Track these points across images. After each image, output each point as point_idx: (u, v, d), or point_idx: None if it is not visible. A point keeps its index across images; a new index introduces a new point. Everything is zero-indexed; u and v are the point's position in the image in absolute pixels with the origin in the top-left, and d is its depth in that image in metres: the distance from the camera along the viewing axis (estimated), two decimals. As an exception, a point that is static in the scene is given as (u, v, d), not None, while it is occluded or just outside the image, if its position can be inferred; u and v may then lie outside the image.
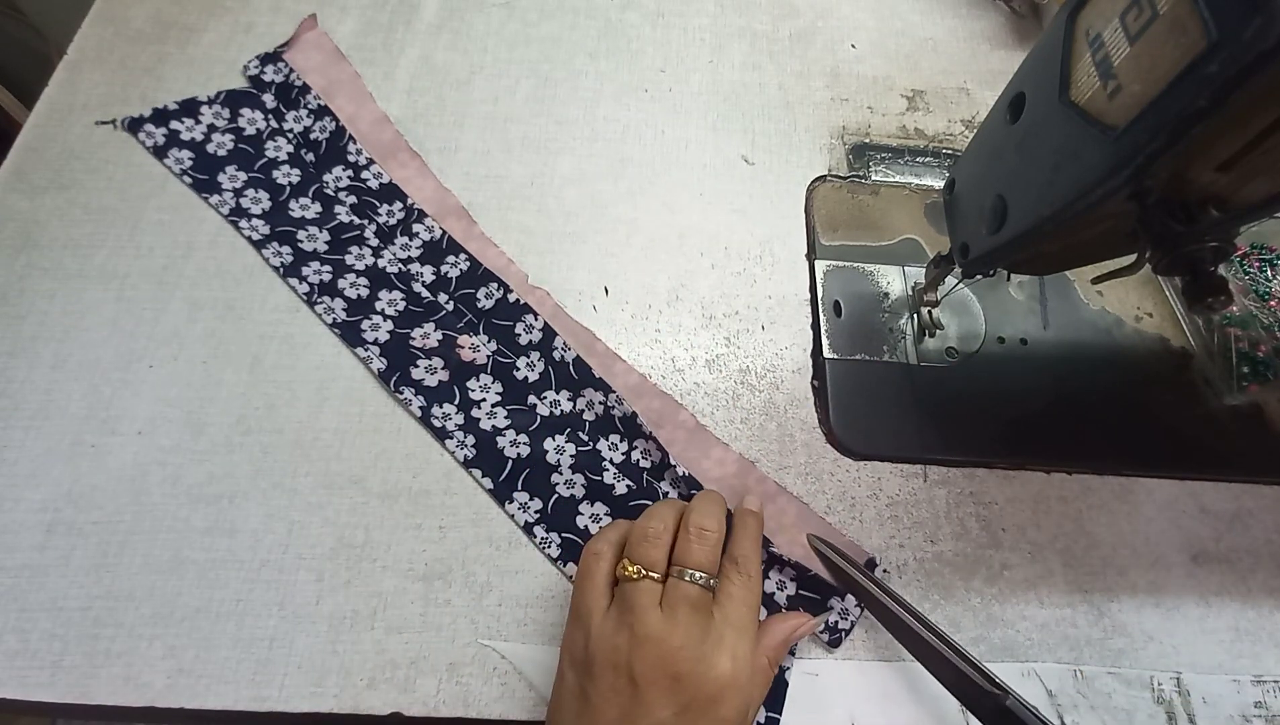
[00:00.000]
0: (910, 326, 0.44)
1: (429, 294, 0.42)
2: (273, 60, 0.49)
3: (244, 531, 0.36)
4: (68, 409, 0.38)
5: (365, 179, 0.45)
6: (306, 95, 0.47)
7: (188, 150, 0.45)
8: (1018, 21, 0.58)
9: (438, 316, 0.41)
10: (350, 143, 0.46)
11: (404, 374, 0.40)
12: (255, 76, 0.48)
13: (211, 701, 0.32)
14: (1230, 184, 0.25)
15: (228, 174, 0.44)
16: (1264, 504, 0.40)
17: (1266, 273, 0.46)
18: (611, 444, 0.39)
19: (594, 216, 0.46)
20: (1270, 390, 0.43)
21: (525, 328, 0.41)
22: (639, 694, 0.29)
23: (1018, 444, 0.41)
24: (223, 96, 0.47)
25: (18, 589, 0.34)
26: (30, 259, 0.42)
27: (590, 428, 0.39)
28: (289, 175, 0.45)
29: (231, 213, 0.43)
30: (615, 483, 0.38)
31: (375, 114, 0.48)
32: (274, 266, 0.42)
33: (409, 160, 0.46)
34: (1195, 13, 0.21)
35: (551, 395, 0.40)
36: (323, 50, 0.50)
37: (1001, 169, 0.32)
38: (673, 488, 0.38)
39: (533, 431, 0.39)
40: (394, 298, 0.42)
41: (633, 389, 0.40)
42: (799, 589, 0.37)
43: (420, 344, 0.40)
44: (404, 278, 0.42)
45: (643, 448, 0.39)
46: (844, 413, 0.41)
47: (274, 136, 0.46)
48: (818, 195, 0.49)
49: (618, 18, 0.55)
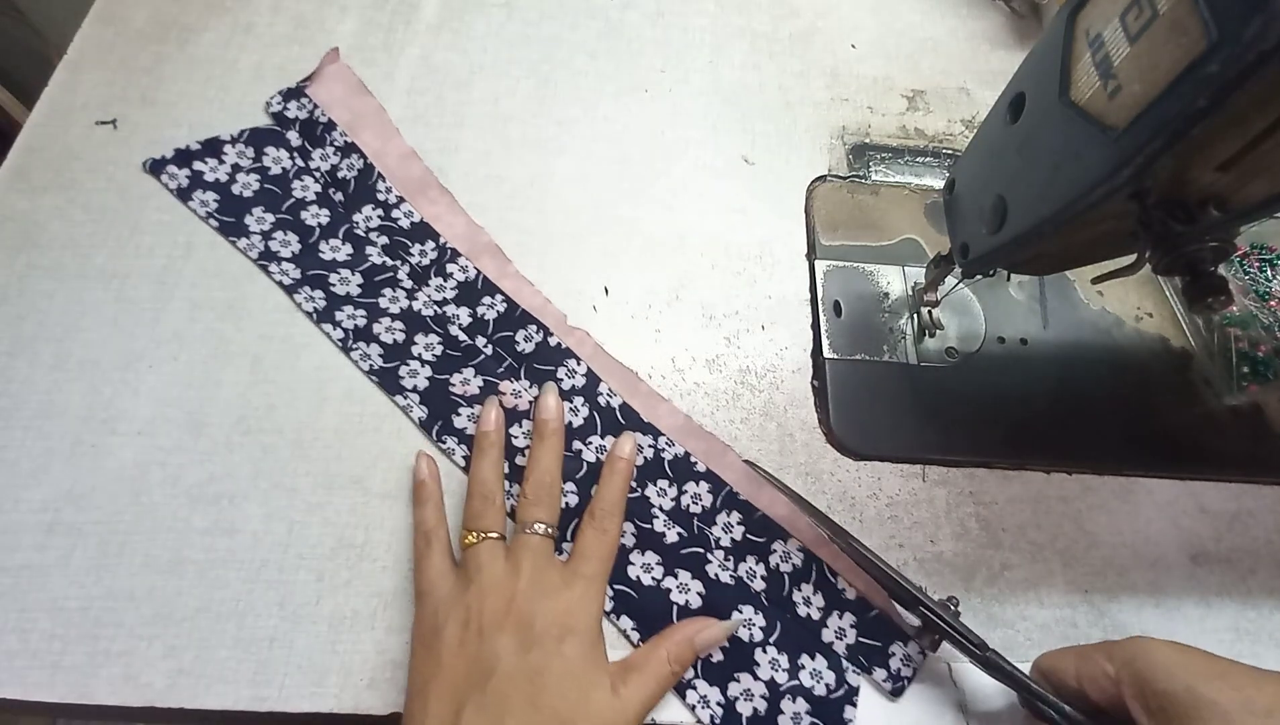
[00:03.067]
0: (910, 326, 0.44)
1: (466, 337, 0.41)
2: (295, 95, 0.47)
3: (244, 531, 0.36)
4: (68, 409, 0.38)
5: (396, 218, 0.44)
6: (332, 131, 0.46)
7: (212, 192, 0.44)
8: (1018, 21, 0.58)
9: (476, 361, 0.40)
10: (379, 180, 0.45)
11: (446, 423, 0.38)
12: (278, 113, 0.47)
13: (211, 701, 0.32)
14: (1230, 184, 0.25)
15: (255, 216, 0.43)
16: (1264, 504, 0.40)
17: (1266, 273, 0.46)
18: (660, 490, 0.38)
19: (594, 216, 0.46)
20: (1270, 390, 0.43)
21: (568, 372, 0.40)
22: (485, 641, 0.29)
23: (1018, 444, 0.41)
24: (246, 135, 0.45)
25: (18, 589, 0.34)
26: (30, 259, 0.42)
27: (639, 473, 0.38)
28: (318, 216, 0.44)
29: (261, 257, 0.42)
30: (666, 530, 0.36)
31: (402, 149, 0.46)
32: (306, 312, 0.41)
33: (439, 197, 0.45)
34: (1195, 13, 0.21)
35: (597, 441, 0.39)
36: (345, 83, 0.48)
37: (1001, 169, 0.32)
38: (724, 533, 0.37)
39: (580, 479, 0.38)
40: (430, 342, 0.41)
41: (679, 430, 0.39)
42: (859, 636, 0.35)
43: (460, 391, 0.39)
44: (440, 321, 0.41)
45: (692, 492, 0.38)
46: (844, 413, 0.41)
47: (300, 175, 0.45)
48: (818, 195, 0.49)
49: (618, 18, 0.55)
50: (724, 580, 0.35)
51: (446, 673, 0.29)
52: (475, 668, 0.29)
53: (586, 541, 0.34)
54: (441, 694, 0.29)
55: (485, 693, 0.28)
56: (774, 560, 0.37)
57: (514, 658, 0.29)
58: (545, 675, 0.29)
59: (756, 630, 0.34)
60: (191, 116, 0.47)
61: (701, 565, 0.36)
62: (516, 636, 0.30)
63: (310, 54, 0.50)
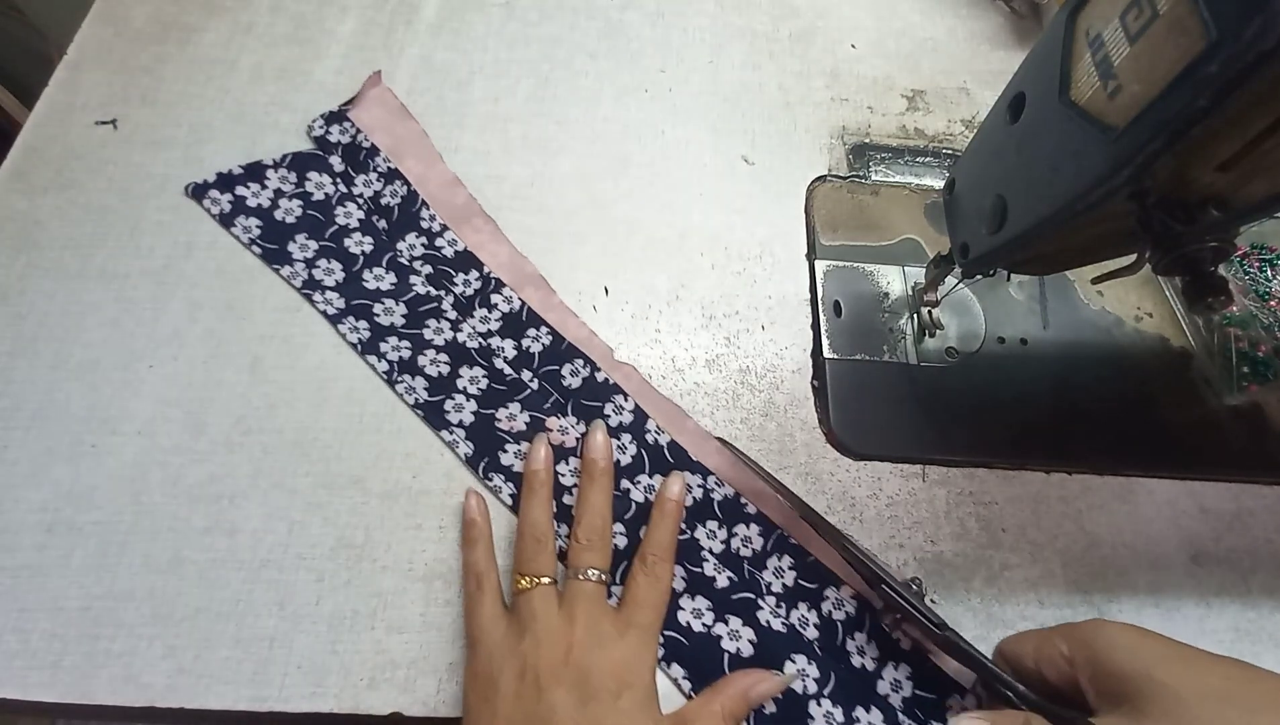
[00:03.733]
0: (910, 326, 0.44)
1: (512, 371, 0.40)
2: (338, 119, 0.47)
3: (244, 531, 0.36)
4: (68, 409, 0.38)
5: (439, 246, 0.43)
6: (375, 157, 0.45)
7: (255, 217, 0.43)
8: (1018, 21, 0.58)
9: (522, 396, 0.39)
10: (423, 208, 0.44)
11: (493, 460, 0.38)
12: (320, 137, 0.46)
13: (211, 701, 0.32)
14: (1230, 184, 0.25)
15: (298, 243, 0.42)
16: (1264, 504, 0.40)
17: (1266, 273, 0.46)
18: (710, 532, 0.37)
19: (594, 216, 0.46)
20: (1270, 390, 0.43)
21: (615, 409, 0.39)
22: (542, 694, 0.29)
23: (1018, 444, 0.41)
24: (289, 159, 0.45)
25: (18, 589, 0.34)
26: (30, 259, 0.42)
27: (688, 514, 0.37)
28: (361, 243, 0.43)
29: (305, 285, 0.41)
30: (716, 574, 0.36)
31: (445, 176, 0.45)
32: (350, 343, 0.40)
33: (482, 225, 0.44)
34: (1195, 13, 0.21)
35: (645, 479, 0.38)
36: (387, 107, 0.48)
37: (1001, 169, 0.32)
38: (775, 578, 0.36)
39: (628, 520, 0.37)
40: (475, 375, 0.40)
41: (727, 469, 0.39)
42: (915, 689, 0.34)
43: (507, 426, 0.39)
44: (485, 353, 0.40)
45: (742, 535, 0.37)
46: (844, 413, 0.41)
47: (343, 201, 0.44)
48: (818, 195, 0.49)
49: (618, 18, 0.55)
50: (776, 628, 0.35)
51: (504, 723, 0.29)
52: (532, 722, 0.29)
53: (639, 588, 0.33)
54: None
55: None
56: (826, 607, 0.36)
57: (571, 712, 0.29)
58: None
59: (810, 682, 0.33)
60: (191, 116, 0.47)
61: (753, 611, 0.35)
62: (574, 691, 0.29)
63: (310, 54, 0.50)
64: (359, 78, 0.50)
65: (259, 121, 0.47)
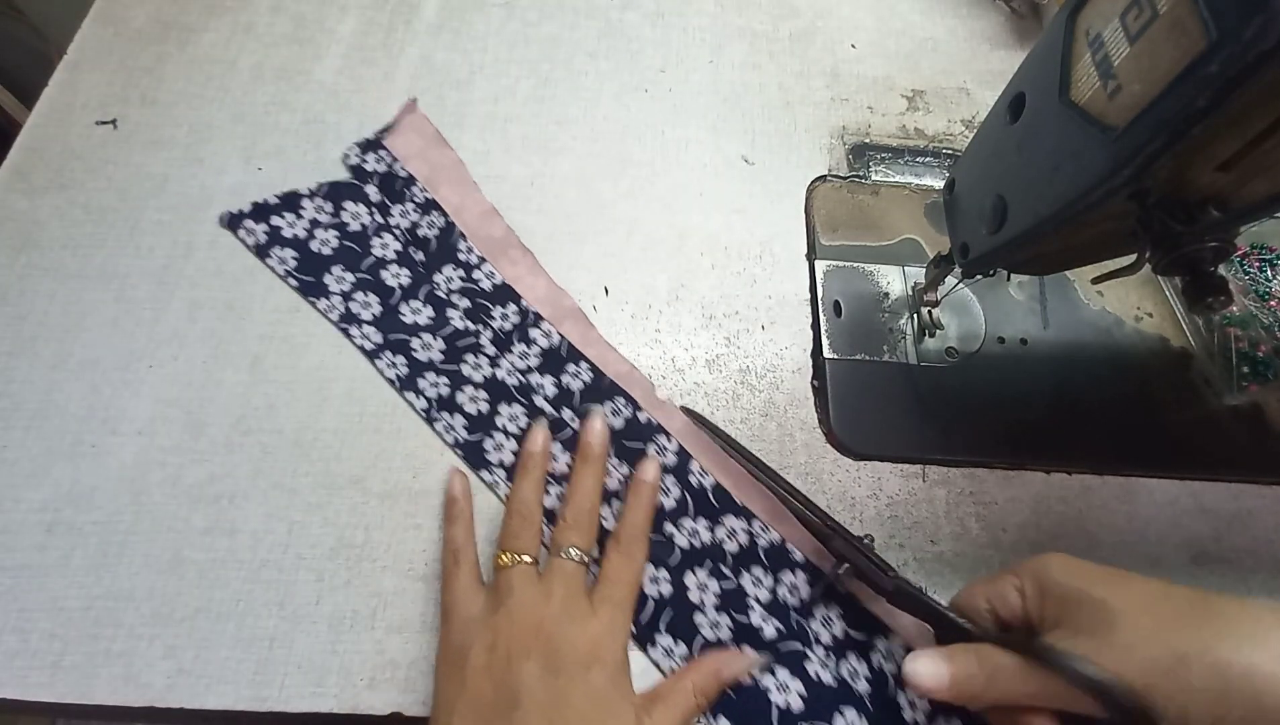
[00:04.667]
0: (910, 326, 0.44)
1: (552, 409, 0.39)
2: (374, 147, 0.46)
3: (244, 531, 0.36)
4: (68, 409, 0.38)
5: (477, 279, 0.43)
6: (412, 186, 0.45)
7: (291, 249, 0.42)
8: (1018, 21, 0.58)
9: (563, 435, 0.38)
10: (460, 239, 0.44)
11: None
12: (357, 166, 0.45)
13: (211, 701, 0.32)
14: (1230, 184, 0.25)
15: (334, 275, 0.42)
16: (1264, 504, 0.40)
17: (1266, 273, 0.46)
18: (755, 579, 0.36)
19: (594, 216, 0.46)
20: (1270, 390, 0.43)
21: (658, 449, 0.38)
22: (511, 666, 0.29)
23: (1018, 444, 0.41)
24: (325, 189, 0.44)
25: (18, 589, 0.34)
26: (30, 259, 0.42)
27: (733, 560, 0.36)
28: (398, 276, 0.42)
29: (342, 319, 0.41)
30: (763, 624, 0.35)
31: (482, 206, 0.45)
32: (388, 379, 0.39)
33: (520, 257, 0.43)
34: (1195, 13, 0.21)
35: (690, 523, 0.37)
36: (423, 135, 0.47)
37: (1001, 169, 0.32)
38: (824, 628, 0.35)
39: (673, 566, 0.36)
40: (515, 413, 0.39)
41: (772, 514, 0.38)
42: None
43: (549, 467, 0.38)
44: (524, 390, 0.40)
45: (789, 583, 0.36)
46: (844, 413, 0.41)
47: (380, 232, 0.43)
48: (818, 195, 0.49)
49: (618, 18, 0.55)
50: (825, 680, 0.34)
51: (471, 695, 0.29)
52: (501, 693, 0.29)
53: (613, 567, 0.33)
54: (466, 716, 0.29)
55: (511, 721, 0.28)
56: (877, 659, 0.34)
57: (540, 685, 0.29)
58: (570, 703, 0.29)
59: None
60: (191, 116, 0.47)
61: (800, 662, 0.34)
62: (543, 663, 0.29)
63: (310, 54, 0.50)
64: (359, 77, 0.50)
65: (259, 121, 0.47)
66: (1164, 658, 0.24)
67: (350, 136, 0.47)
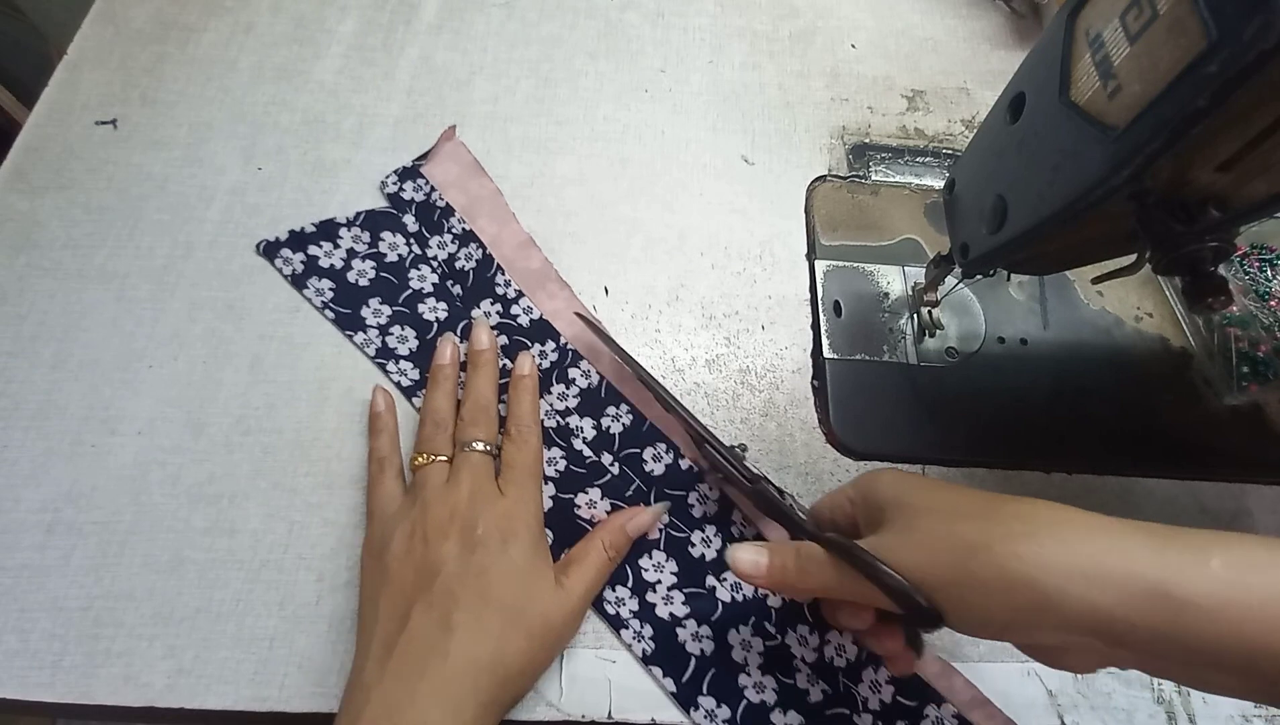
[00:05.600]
0: (910, 326, 0.44)
1: (591, 453, 0.38)
2: (411, 176, 0.45)
3: (244, 531, 0.36)
4: (68, 409, 0.38)
5: (515, 314, 0.42)
6: (450, 218, 0.44)
7: (328, 279, 0.42)
8: (1018, 21, 0.58)
9: (603, 481, 0.38)
10: (498, 273, 0.43)
11: None
12: (394, 195, 0.45)
13: (211, 701, 0.32)
14: (1230, 184, 0.25)
15: (371, 307, 0.41)
16: (1264, 504, 0.40)
17: (1266, 273, 0.46)
18: (801, 638, 0.35)
19: (594, 216, 0.46)
20: (1270, 390, 0.43)
21: (699, 498, 0.38)
22: (430, 547, 0.31)
23: (1018, 444, 0.41)
24: (362, 218, 0.43)
25: (18, 589, 0.34)
26: (30, 259, 0.42)
27: (777, 616, 0.35)
28: (435, 310, 0.41)
29: (379, 354, 0.40)
30: (809, 687, 0.34)
31: (519, 236, 0.44)
32: None
33: (557, 291, 0.43)
34: (1195, 13, 0.21)
35: (732, 577, 0.36)
36: (461, 163, 0.46)
37: (1001, 169, 0.32)
38: (872, 693, 0.34)
39: (715, 622, 0.35)
40: (553, 456, 0.38)
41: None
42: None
43: (587, 514, 0.37)
44: (563, 432, 0.39)
45: (836, 643, 0.35)
46: (844, 413, 0.41)
47: (417, 264, 0.43)
48: (818, 195, 0.49)
49: (618, 18, 0.55)
50: None
51: (395, 580, 0.31)
52: (422, 572, 0.31)
53: (510, 453, 0.35)
54: (391, 598, 0.31)
55: (432, 592, 0.30)
56: None
57: (459, 560, 0.31)
58: (490, 573, 0.31)
59: None
60: (191, 116, 0.47)
61: None
62: (460, 541, 0.31)
63: (310, 54, 0.50)
64: (359, 77, 0.50)
65: (259, 121, 0.47)
66: (950, 552, 0.25)
67: (350, 136, 0.47)
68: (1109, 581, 0.22)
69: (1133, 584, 0.22)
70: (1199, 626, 0.21)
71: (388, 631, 0.30)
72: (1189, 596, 0.21)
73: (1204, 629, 0.21)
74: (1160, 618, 0.21)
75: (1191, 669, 0.22)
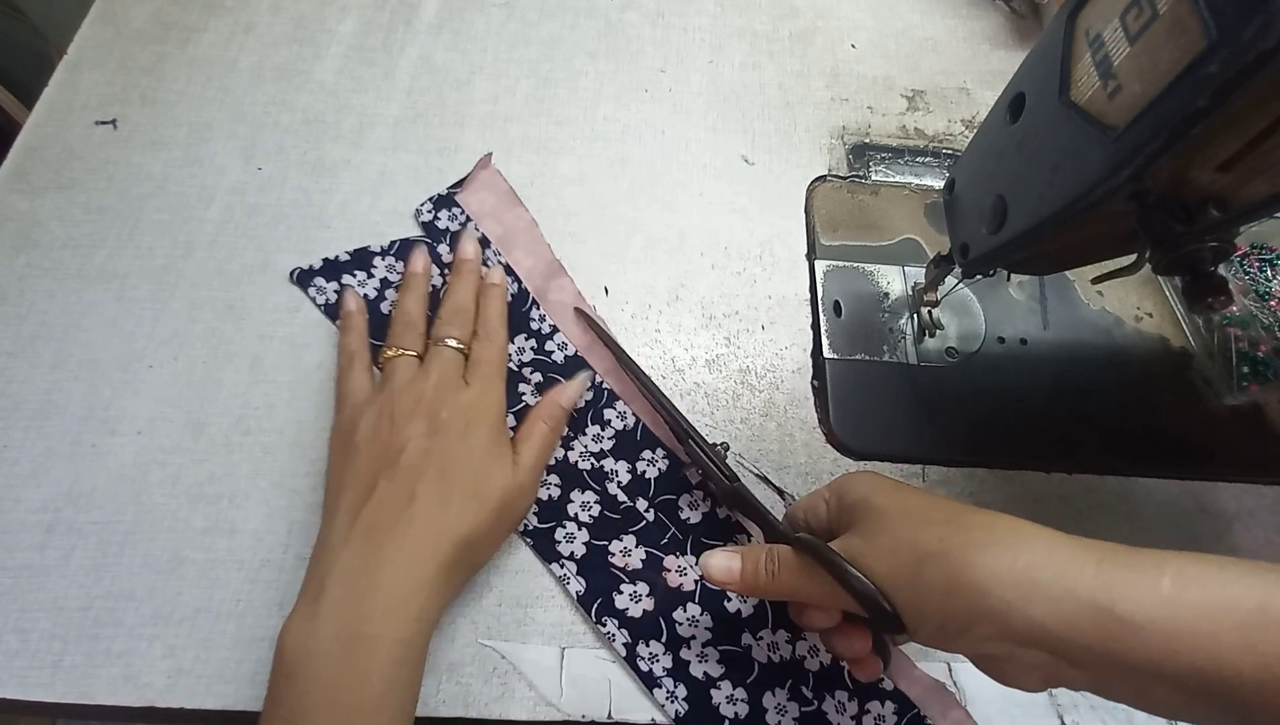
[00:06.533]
0: (910, 326, 0.44)
1: (625, 497, 0.37)
2: (446, 204, 0.44)
3: (244, 531, 0.36)
4: (68, 409, 0.38)
5: (550, 351, 0.41)
6: (486, 250, 0.43)
7: None
8: (1018, 21, 0.58)
9: (638, 528, 0.37)
10: (534, 307, 0.42)
11: (606, 601, 0.35)
12: (429, 223, 0.44)
13: (211, 701, 0.32)
14: (1230, 184, 0.25)
15: None
16: (1264, 504, 0.40)
17: (1266, 273, 0.46)
18: (839, 704, 0.33)
19: (594, 216, 0.46)
20: (1270, 390, 0.43)
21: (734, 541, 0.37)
22: (396, 429, 0.33)
23: (1018, 444, 0.41)
24: (396, 247, 0.43)
25: (18, 589, 0.34)
26: (30, 259, 0.42)
27: (814, 680, 0.34)
28: None
29: None
30: None
31: (553, 268, 0.43)
32: None
33: (591, 325, 0.42)
34: (1195, 13, 0.21)
35: (769, 636, 0.35)
36: (496, 192, 0.45)
37: (1001, 169, 0.32)
38: None
39: (750, 684, 0.34)
40: (587, 500, 0.37)
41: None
42: None
43: (621, 563, 0.36)
44: (597, 476, 0.38)
45: (876, 713, 0.33)
46: (844, 413, 0.41)
47: None
48: (818, 195, 0.49)
49: (618, 18, 0.55)
50: None
51: (362, 457, 0.32)
52: (388, 450, 0.32)
53: (478, 351, 0.37)
54: (357, 472, 0.32)
55: (398, 466, 0.32)
56: None
57: (423, 440, 0.32)
58: (452, 454, 0.33)
59: None
60: (191, 116, 0.47)
61: None
62: (425, 426, 0.33)
63: (310, 54, 0.50)
64: (359, 77, 0.50)
65: (259, 121, 0.47)
66: (909, 557, 0.25)
67: (350, 136, 0.47)
68: (1051, 595, 0.22)
69: (1076, 599, 0.22)
70: (1143, 645, 0.21)
71: (354, 500, 0.31)
72: (1132, 615, 0.21)
73: (1148, 647, 0.21)
74: (1102, 634, 0.22)
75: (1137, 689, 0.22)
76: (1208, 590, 0.21)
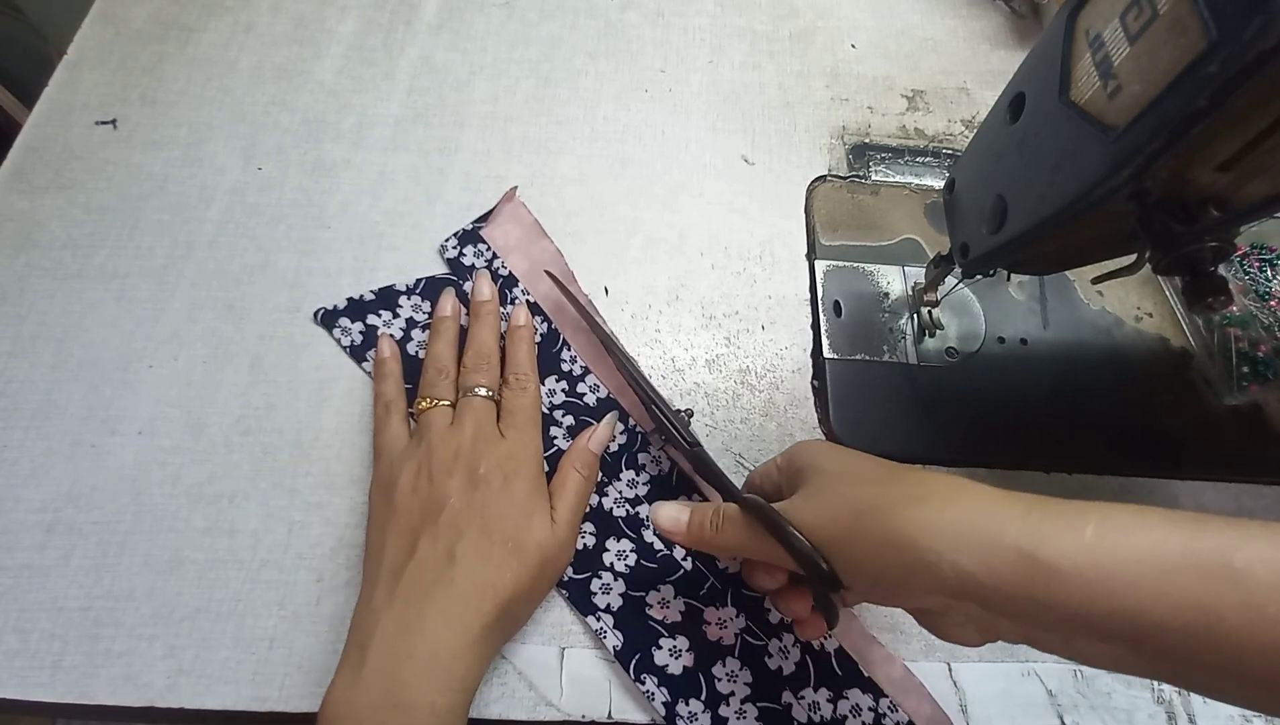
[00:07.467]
0: (910, 326, 0.44)
1: (663, 545, 0.36)
2: (472, 240, 0.43)
3: (244, 531, 0.36)
4: (68, 409, 0.38)
5: (581, 392, 0.40)
6: (513, 288, 0.42)
7: None
8: (1018, 21, 0.58)
9: (675, 577, 0.36)
10: (564, 348, 0.41)
11: (645, 657, 0.33)
12: (454, 260, 0.43)
13: (211, 701, 0.32)
14: (1230, 184, 0.25)
15: None
16: (1264, 504, 0.40)
17: (1266, 273, 0.46)
18: None
19: (594, 216, 0.46)
20: (1270, 390, 0.43)
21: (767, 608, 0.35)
22: (435, 485, 0.33)
23: (1018, 444, 0.41)
24: (422, 286, 0.42)
25: (18, 589, 0.34)
26: (30, 259, 0.42)
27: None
28: None
29: None
30: None
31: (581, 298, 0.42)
32: None
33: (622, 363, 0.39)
34: (1195, 13, 0.21)
35: (810, 695, 0.33)
36: (522, 225, 0.44)
37: (1001, 169, 0.32)
38: None
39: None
40: (623, 549, 0.36)
41: (897, 685, 0.34)
42: None
43: (659, 615, 0.35)
44: (632, 523, 0.37)
45: None
46: (844, 413, 0.41)
47: None
48: (818, 195, 0.49)
49: (618, 18, 0.55)
50: None
51: (402, 514, 0.32)
52: (428, 507, 0.32)
53: (510, 401, 0.37)
54: (399, 531, 0.32)
55: (438, 524, 0.32)
56: None
57: (463, 496, 0.32)
58: (492, 508, 0.32)
59: None
60: (191, 116, 0.47)
61: None
62: (464, 479, 0.33)
63: (310, 54, 0.50)
64: (359, 77, 0.50)
65: (259, 121, 0.47)
66: (846, 514, 0.26)
67: (350, 136, 0.47)
68: (978, 543, 0.23)
69: (1002, 547, 0.22)
70: (1065, 592, 0.21)
71: (395, 561, 0.31)
72: (1055, 561, 0.21)
73: (1070, 594, 0.21)
74: (1027, 582, 0.22)
75: (1064, 638, 0.23)
76: (1130, 537, 0.21)
